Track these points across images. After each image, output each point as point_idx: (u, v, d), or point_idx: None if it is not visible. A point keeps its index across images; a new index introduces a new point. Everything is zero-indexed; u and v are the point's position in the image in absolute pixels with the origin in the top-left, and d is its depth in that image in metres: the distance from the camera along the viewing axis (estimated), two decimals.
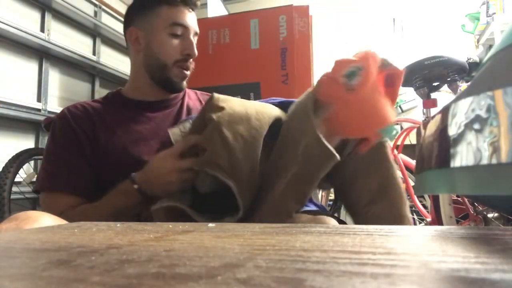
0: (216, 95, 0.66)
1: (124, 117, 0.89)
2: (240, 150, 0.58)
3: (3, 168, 1.82)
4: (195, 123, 0.69)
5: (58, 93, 2.49)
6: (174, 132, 0.73)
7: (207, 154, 0.60)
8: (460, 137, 0.22)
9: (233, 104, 0.65)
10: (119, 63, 3.07)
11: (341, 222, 0.72)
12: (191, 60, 0.91)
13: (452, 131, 0.23)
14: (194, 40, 0.92)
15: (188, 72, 0.91)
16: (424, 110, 1.81)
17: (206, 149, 0.62)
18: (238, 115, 0.62)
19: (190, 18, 0.91)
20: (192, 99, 1.01)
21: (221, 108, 0.63)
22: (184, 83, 0.92)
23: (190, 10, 0.91)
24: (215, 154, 0.59)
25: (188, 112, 0.96)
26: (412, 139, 2.34)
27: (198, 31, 0.93)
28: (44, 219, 0.55)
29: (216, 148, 0.59)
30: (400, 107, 3.07)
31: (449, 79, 1.68)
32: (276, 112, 0.69)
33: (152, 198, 0.70)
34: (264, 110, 0.67)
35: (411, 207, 2.18)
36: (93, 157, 0.84)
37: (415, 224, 2.34)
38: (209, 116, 0.62)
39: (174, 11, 0.89)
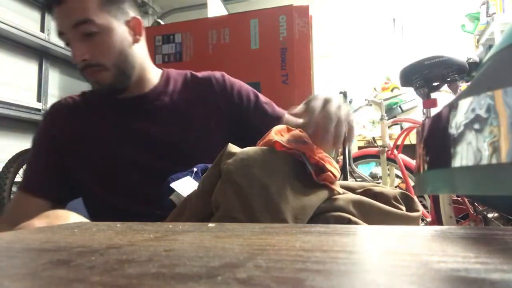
0: (230, 144, 0.59)
1: (102, 117, 0.84)
2: (258, 195, 0.52)
3: (3, 168, 1.82)
4: (211, 172, 0.59)
5: (58, 93, 2.49)
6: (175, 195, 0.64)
7: (222, 208, 0.53)
8: (460, 137, 0.22)
9: (247, 149, 0.57)
10: None
11: None
12: (91, 62, 0.76)
13: (452, 131, 0.23)
14: (86, 30, 0.74)
15: (97, 74, 0.77)
16: (424, 110, 1.81)
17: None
18: (253, 157, 0.55)
19: (62, 15, 0.74)
20: (177, 89, 0.88)
21: (233, 154, 0.56)
22: (106, 84, 0.78)
23: (58, 3, 0.73)
24: (229, 208, 0.52)
25: (169, 109, 0.85)
26: (412, 139, 2.35)
27: (80, 18, 0.73)
28: (73, 218, 0.56)
29: (230, 201, 0.52)
30: (400, 107, 3.07)
31: (449, 79, 1.68)
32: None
33: None
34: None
35: None
36: (73, 158, 0.82)
37: None
38: (222, 166, 0.55)
39: (54, 19, 0.76)
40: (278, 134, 0.62)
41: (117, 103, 0.85)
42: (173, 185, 0.65)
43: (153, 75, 0.88)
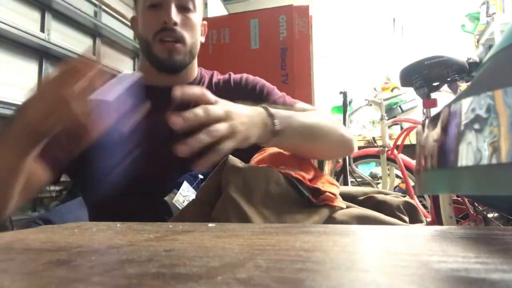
0: (231, 157, 0.57)
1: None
2: (258, 218, 0.52)
3: None
4: (210, 182, 0.58)
5: None
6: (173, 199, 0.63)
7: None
8: (460, 137, 0.22)
9: (250, 168, 0.57)
10: (119, 63, 3.07)
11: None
12: (178, 29, 0.79)
13: (452, 131, 0.23)
14: (186, 3, 0.81)
15: (175, 44, 0.80)
16: (424, 110, 1.81)
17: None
18: (255, 179, 0.55)
19: None
20: (206, 84, 0.91)
21: (236, 169, 0.55)
22: (177, 57, 0.81)
23: None
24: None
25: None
26: (412, 139, 2.34)
27: None
28: None
29: (230, 220, 0.52)
30: (400, 107, 3.07)
31: (449, 79, 1.68)
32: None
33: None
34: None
35: None
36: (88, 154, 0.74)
37: None
38: (224, 182, 0.54)
39: None
40: (271, 160, 0.63)
41: (153, 92, 0.80)
42: (167, 198, 0.64)
43: (196, 70, 0.93)
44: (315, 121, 0.71)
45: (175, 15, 0.79)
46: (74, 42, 2.63)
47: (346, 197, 0.64)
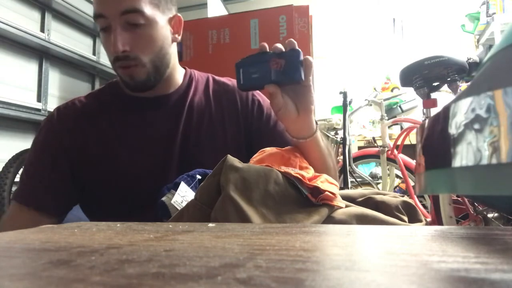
0: (229, 157, 0.57)
1: (118, 119, 0.80)
2: (257, 218, 0.52)
3: (3, 168, 1.82)
4: (208, 183, 0.57)
5: (58, 93, 2.49)
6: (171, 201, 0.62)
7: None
8: (460, 137, 0.22)
9: (249, 168, 0.56)
10: None
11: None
12: (131, 54, 0.72)
13: (452, 131, 0.23)
14: (133, 20, 0.71)
15: (133, 68, 0.73)
16: (424, 110, 1.81)
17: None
18: (255, 178, 0.54)
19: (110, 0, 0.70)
20: (199, 90, 0.86)
21: (235, 169, 0.54)
22: (139, 79, 0.75)
23: None
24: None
25: (190, 110, 0.82)
26: (412, 139, 2.35)
27: (130, 6, 0.70)
28: None
29: (230, 220, 0.51)
30: (400, 107, 3.07)
31: (449, 79, 1.68)
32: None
33: None
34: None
35: None
36: (77, 167, 0.78)
37: None
38: (223, 181, 0.53)
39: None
40: (271, 160, 0.63)
41: (135, 103, 0.81)
42: (165, 199, 0.62)
43: (179, 75, 0.86)
44: (329, 152, 0.77)
45: (121, 44, 0.70)
46: (74, 42, 2.63)
47: (344, 199, 0.64)
